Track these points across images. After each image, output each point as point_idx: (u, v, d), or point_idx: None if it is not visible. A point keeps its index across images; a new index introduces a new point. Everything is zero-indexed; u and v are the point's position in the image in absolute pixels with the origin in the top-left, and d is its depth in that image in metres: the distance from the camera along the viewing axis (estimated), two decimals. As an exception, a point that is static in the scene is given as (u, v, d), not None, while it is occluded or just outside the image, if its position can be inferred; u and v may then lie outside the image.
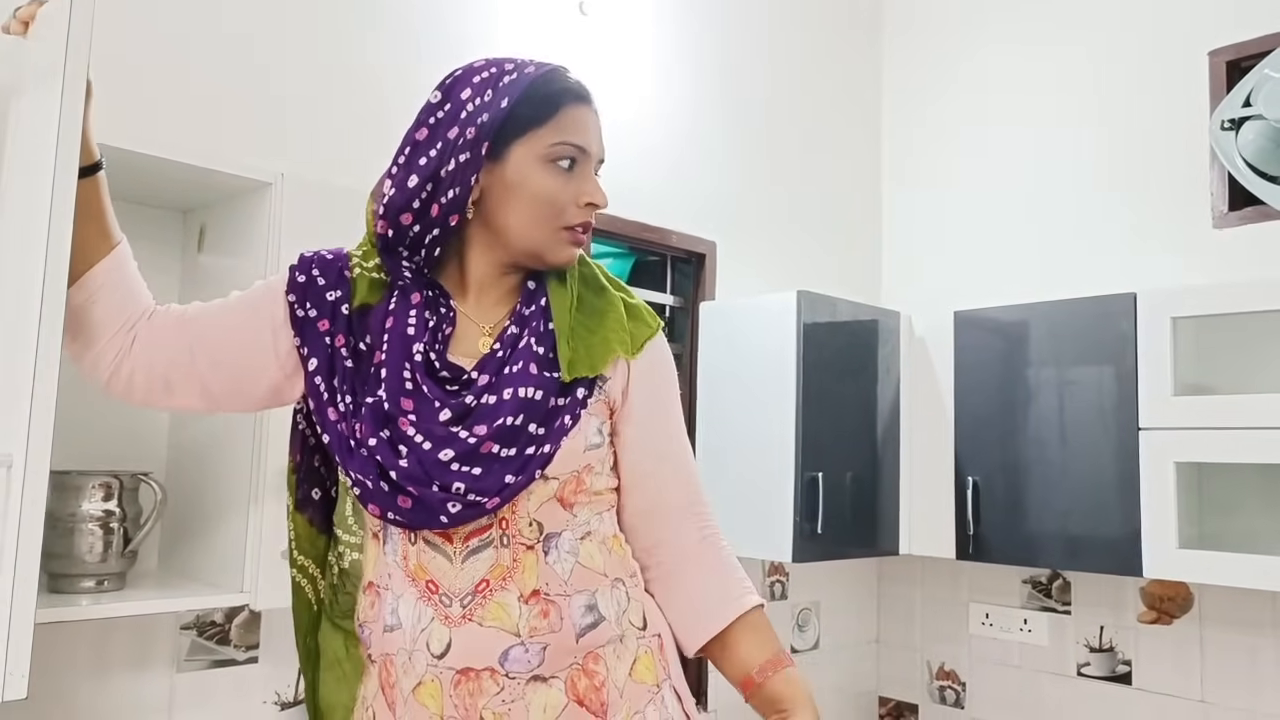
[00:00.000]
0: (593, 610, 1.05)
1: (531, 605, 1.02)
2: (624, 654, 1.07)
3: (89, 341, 1.05)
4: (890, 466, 2.42)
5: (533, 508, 1.03)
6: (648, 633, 1.10)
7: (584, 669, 1.04)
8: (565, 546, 1.05)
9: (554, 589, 1.03)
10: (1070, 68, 2.67)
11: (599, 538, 1.08)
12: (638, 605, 1.10)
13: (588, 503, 1.07)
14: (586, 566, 1.06)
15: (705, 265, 2.50)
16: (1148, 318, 2.09)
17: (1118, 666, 2.44)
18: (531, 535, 1.03)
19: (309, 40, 1.81)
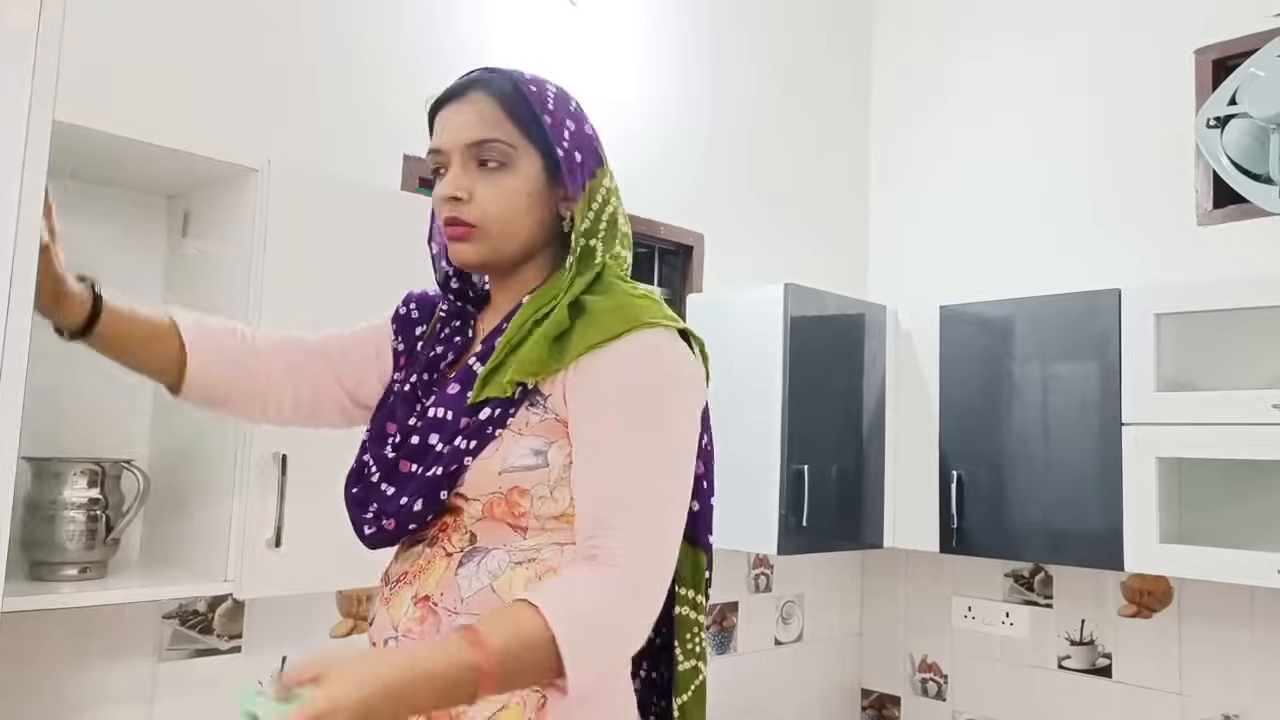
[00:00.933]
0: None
1: (417, 608, 0.97)
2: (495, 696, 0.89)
3: (240, 409, 1.12)
4: (875, 460, 2.43)
5: (469, 522, 0.98)
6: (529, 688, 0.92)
7: None
8: (490, 565, 0.95)
9: (445, 602, 0.95)
10: (1057, 65, 2.68)
11: (542, 568, 0.95)
12: None
13: (541, 529, 0.96)
14: (497, 593, 0.94)
15: (693, 257, 2.50)
16: (1131, 314, 2.10)
17: (1098, 660, 2.46)
18: (458, 544, 0.98)
19: (299, 27, 1.79)
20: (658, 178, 2.43)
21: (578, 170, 1.00)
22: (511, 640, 0.85)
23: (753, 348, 2.23)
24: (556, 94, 1.04)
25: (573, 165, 1.00)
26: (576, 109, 1.05)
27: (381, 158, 1.88)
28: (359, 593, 1.79)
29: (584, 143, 1.02)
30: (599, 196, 1.02)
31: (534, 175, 1.00)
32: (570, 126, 1.02)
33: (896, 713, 2.81)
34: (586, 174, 1.01)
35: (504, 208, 0.99)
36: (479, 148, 0.99)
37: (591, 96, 2.25)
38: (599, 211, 1.02)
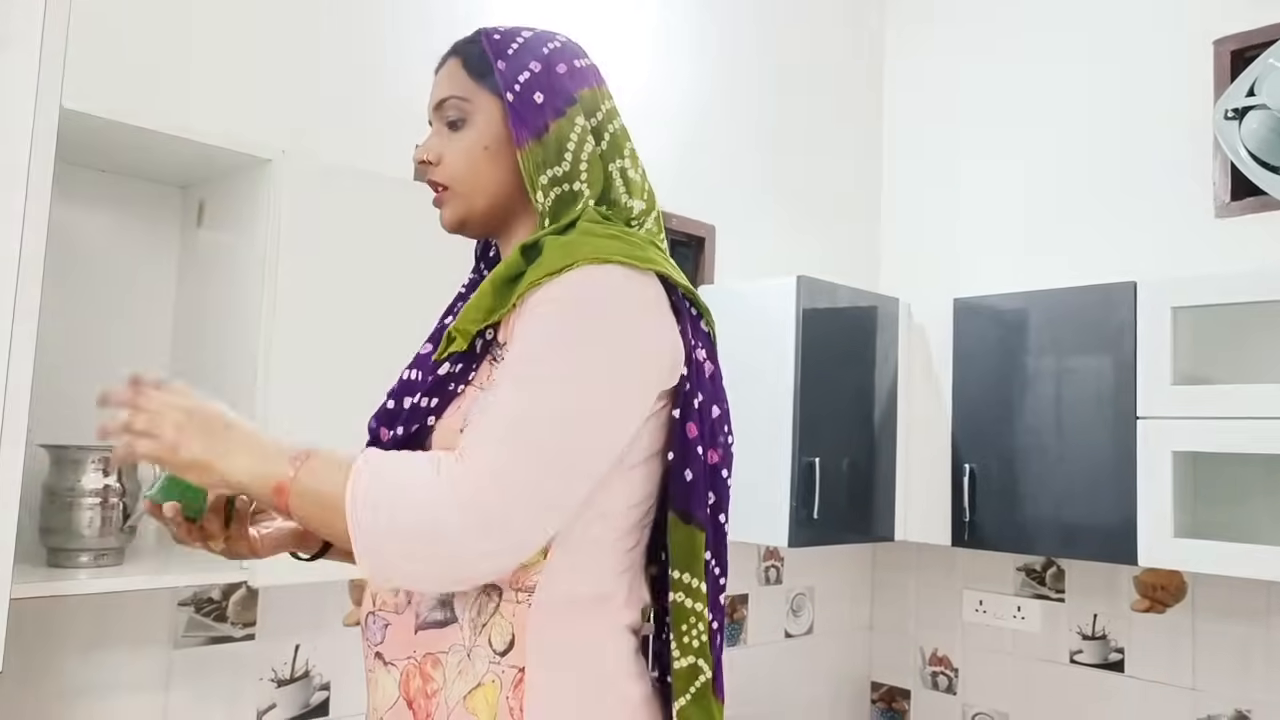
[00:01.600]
0: (444, 607, 0.92)
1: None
2: (467, 672, 0.90)
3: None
4: (887, 453, 2.42)
5: None
6: (505, 661, 0.89)
7: (421, 669, 0.92)
8: None
9: None
10: (1074, 55, 2.66)
11: None
12: (505, 625, 0.89)
13: None
14: None
15: (704, 249, 2.50)
16: (1148, 307, 2.09)
17: (1110, 654, 2.45)
18: None
19: (314, 17, 1.79)
20: (670, 169, 2.43)
21: (532, 112, 0.94)
22: (323, 481, 0.84)
23: (764, 340, 2.23)
24: (528, 39, 0.99)
25: (525, 107, 0.94)
26: (553, 50, 0.99)
27: (394, 148, 1.88)
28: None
29: (549, 82, 0.96)
30: (572, 136, 0.95)
31: (493, 127, 0.96)
32: (533, 68, 0.96)
33: (906, 706, 2.81)
34: (551, 114, 0.94)
35: (464, 163, 0.97)
36: (441, 109, 0.99)
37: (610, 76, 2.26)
38: (575, 153, 0.95)
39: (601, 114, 0.99)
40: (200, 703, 1.61)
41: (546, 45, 0.99)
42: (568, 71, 0.98)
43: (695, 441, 0.93)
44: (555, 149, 0.95)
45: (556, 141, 0.95)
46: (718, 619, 0.98)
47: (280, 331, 1.41)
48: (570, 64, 0.99)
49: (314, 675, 1.74)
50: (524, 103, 0.95)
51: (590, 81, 1.00)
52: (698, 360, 0.95)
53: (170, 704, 1.58)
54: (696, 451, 0.93)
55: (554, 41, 1.00)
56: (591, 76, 1.01)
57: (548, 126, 0.95)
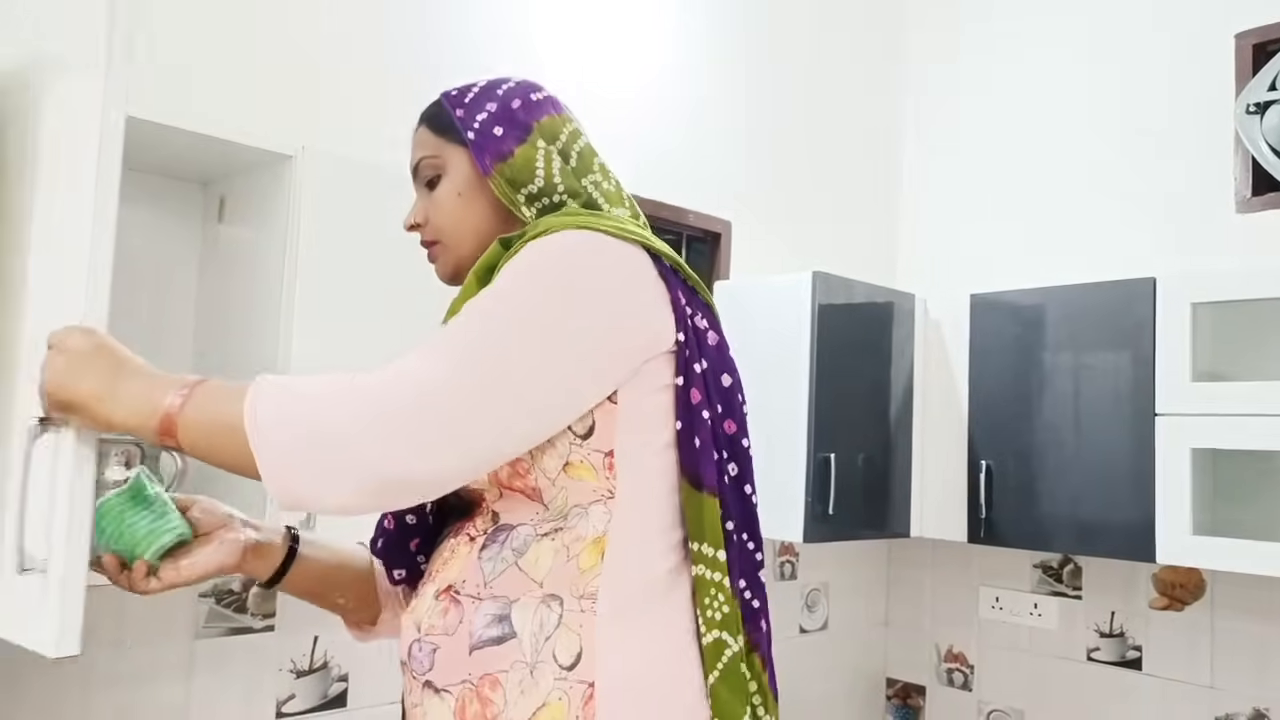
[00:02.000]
0: (501, 622, 0.88)
1: (439, 601, 0.93)
2: (531, 691, 0.86)
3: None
4: (903, 449, 2.42)
5: (490, 501, 0.95)
6: (573, 675, 0.85)
7: (478, 692, 0.88)
8: (514, 544, 0.91)
9: (468, 588, 0.91)
10: (1092, 50, 2.64)
11: (570, 537, 0.89)
12: (571, 637, 0.86)
13: (554, 487, 0.90)
14: (524, 571, 0.89)
15: (720, 245, 2.50)
16: (1167, 303, 2.07)
17: (1128, 652, 2.44)
18: (482, 527, 0.94)
19: (331, 16, 1.81)
20: (685, 165, 2.43)
21: (493, 143, 0.97)
22: (218, 403, 0.81)
23: (780, 336, 2.23)
24: (483, 86, 1.02)
25: (486, 140, 0.97)
26: (506, 89, 1.02)
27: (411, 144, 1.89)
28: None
29: (507, 116, 0.99)
30: (537, 157, 0.97)
31: (462, 172, 1.00)
32: (489, 108, 0.99)
33: (922, 702, 2.80)
34: (513, 141, 0.97)
35: (446, 215, 1.01)
36: (417, 173, 1.04)
37: (618, 85, 2.27)
38: (546, 171, 0.97)
39: (565, 136, 1.01)
40: (221, 693, 1.63)
41: (500, 88, 1.03)
42: (523, 105, 1.01)
43: (699, 406, 0.92)
44: (524, 169, 0.97)
45: (524, 162, 0.97)
46: (758, 595, 0.96)
47: (300, 325, 1.42)
48: (525, 98, 1.02)
49: (332, 666, 1.76)
50: (484, 137, 0.98)
51: (548, 110, 1.02)
52: (697, 327, 0.94)
53: (192, 694, 1.61)
54: (702, 416, 0.92)
55: (508, 83, 1.04)
56: (549, 106, 1.03)
57: (512, 151, 0.97)
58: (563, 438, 0.89)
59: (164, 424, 0.81)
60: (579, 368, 0.87)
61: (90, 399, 0.82)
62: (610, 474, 0.90)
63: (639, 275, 0.91)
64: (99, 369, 0.83)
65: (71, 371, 0.82)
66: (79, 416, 0.84)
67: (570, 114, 1.04)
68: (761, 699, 0.94)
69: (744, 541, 0.95)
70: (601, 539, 0.89)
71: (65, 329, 0.86)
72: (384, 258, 1.50)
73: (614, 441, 0.89)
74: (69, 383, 0.82)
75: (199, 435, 0.81)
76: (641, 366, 0.90)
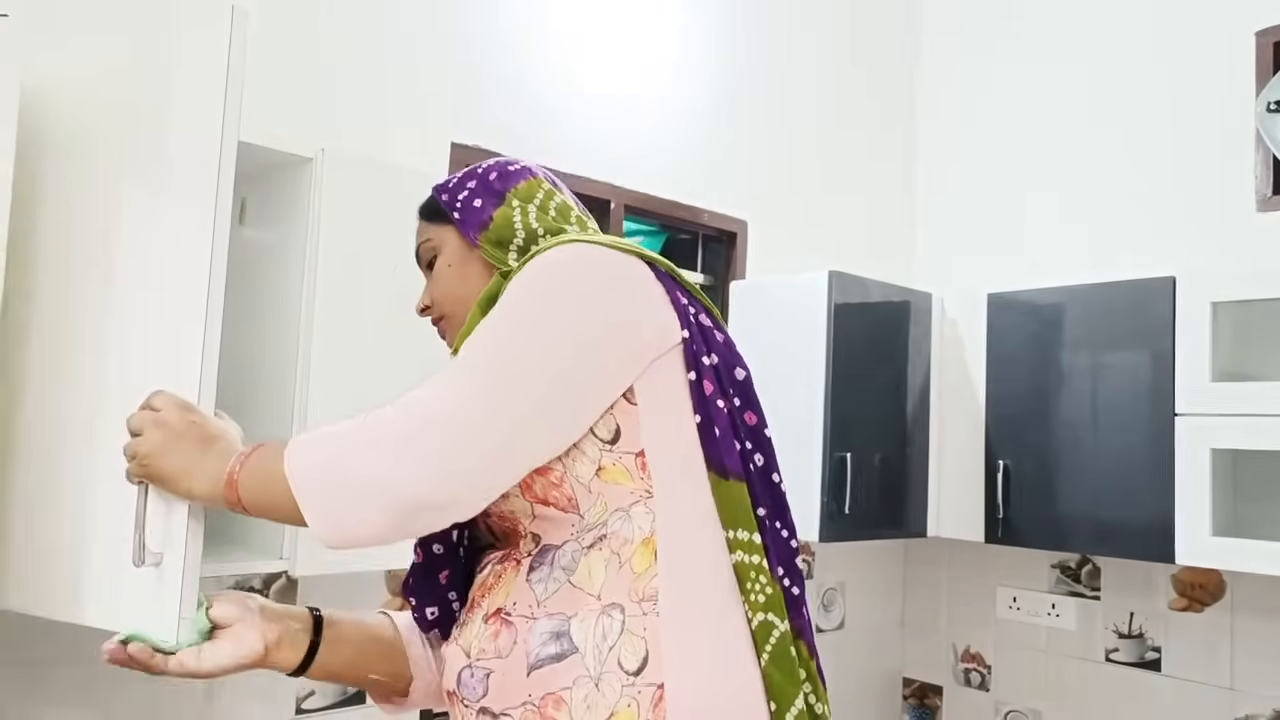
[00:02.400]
0: (559, 639, 0.88)
1: (489, 624, 0.93)
2: (597, 704, 0.85)
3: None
4: (919, 448, 2.42)
5: (526, 524, 0.95)
6: (640, 680, 0.85)
7: (540, 712, 0.87)
8: (563, 562, 0.91)
9: (519, 609, 0.92)
10: (1113, 47, 2.62)
11: (617, 543, 0.90)
12: (635, 641, 0.87)
13: (590, 494, 0.91)
14: (578, 587, 0.90)
15: (736, 244, 2.50)
16: (1187, 302, 2.06)
17: (1147, 653, 2.42)
18: (525, 550, 0.95)
19: (351, 20, 1.82)
20: (701, 164, 2.43)
21: (474, 214, 1.04)
22: (266, 460, 0.88)
23: (796, 335, 2.23)
24: (466, 171, 1.10)
25: (468, 213, 1.04)
26: (485, 168, 1.08)
27: (430, 145, 1.90)
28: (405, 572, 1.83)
29: (485, 188, 1.05)
30: (515, 216, 1.03)
31: (452, 246, 1.06)
32: (470, 185, 1.06)
33: (938, 702, 2.80)
34: (491, 208, 1.03)
35: (446, 290, 1.06)
36: (418, 259, 1.11)
37: (633, 83, 2.28)
38: (525, 224, 1.02)
39: (540, 195, 1.06)
40: (241, 690, 1.65)
41: (480, 167, 1.09)
42: (499, 176, 1.07)
43: (714, 397, 0.94)
44: (505, 228, 1.02)
45: (503, 222, 1.02)
46: (797, 583, 0.97)
47: (320, 325, 1.43)
48: (502, 170, 1.08)
49: (352, 664, 1.77)
50: (467, 210, 1.05)
51: (524, 177, 1.07)
52: (701, 324, 0.97)
53: (213, 691, 1.62)
54: (718, 406, 0.94)
55: (486, 163, 1.10)
56: (525, 174, 1.08)
57: (491, 217, 1.03)
58: (591, 444, 0.91)
59: (229, 491, 0.89)
60: (587, 372, 0.89)
61: (179, 474, 0.91)
62: (644, 473, 0.91)
63: (636, 279, 0.94)
64: (188, 447, 0.91)
65: (165, 450, 0.91)
66: (163, 487, 0.93)
67: (546, 179, 1.09)
68: (812, 686, 0.95)
69: (778, 529, 0.97)
70: (651, 539, 0.90)
71: (166, 399, 0.94)
72: (403, 259, 1.51)
73: (641, 441, 0.91)
74: (160, 461, 0.91)
75: (255, 495, 0.89)
76: (651, 365, 0.92)
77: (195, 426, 0.93)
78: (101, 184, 1.11)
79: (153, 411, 0.93)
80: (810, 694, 0.94)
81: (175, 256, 1.04)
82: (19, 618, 1.10)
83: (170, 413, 0.93)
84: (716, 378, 0.95)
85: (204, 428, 0.93)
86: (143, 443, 0.92)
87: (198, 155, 1.03)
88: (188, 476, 0.91)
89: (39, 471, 1.09)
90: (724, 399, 0.95)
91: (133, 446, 0.93)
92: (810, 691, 0.94)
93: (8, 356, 1.08)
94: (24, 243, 1.09)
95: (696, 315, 0.96)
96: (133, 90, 1.10)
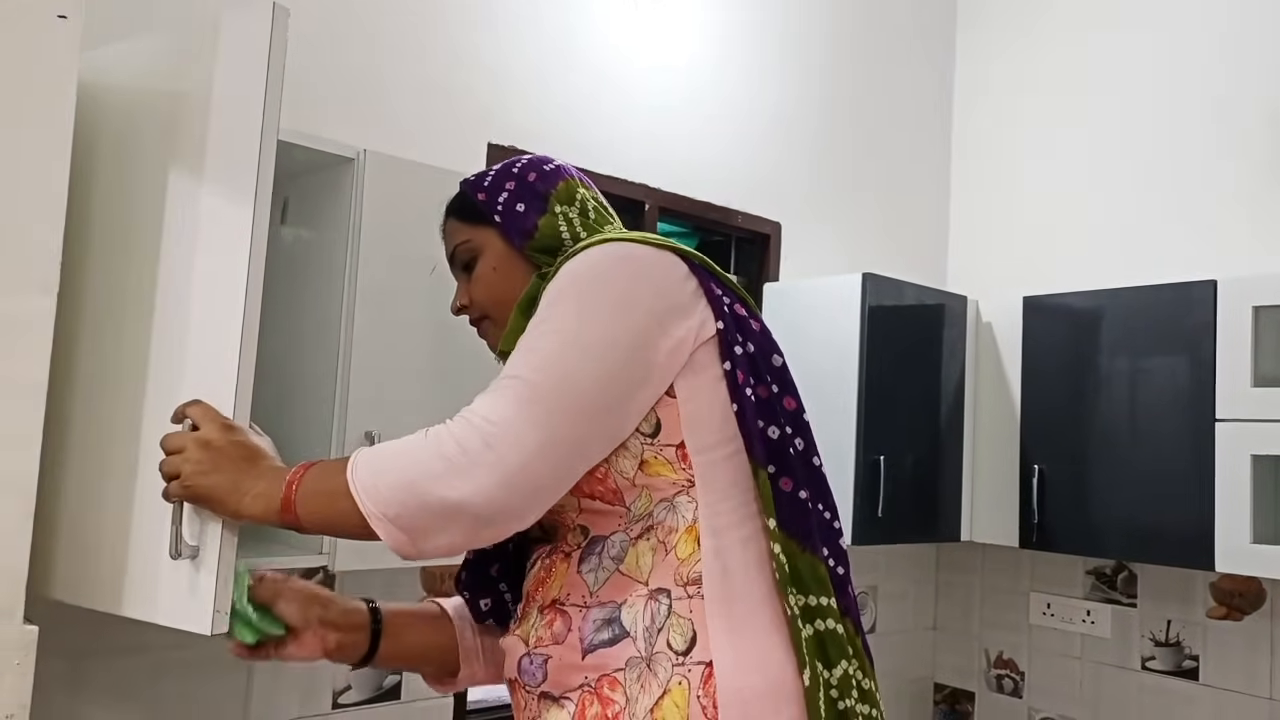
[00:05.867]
0: (611, 624, 0.93)
1: (544, 615, 0.98)
2: (650, 683, 0.90)
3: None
4: (953, 452, 2.40)
5: (574, 517, 0.99)
6: (690, 659, 0.90)
7: (597, 693, 0.92)
8: (612, 551, 0.96)
9: (573, 599, 0.96)
10: (1150, 45, 2.59)
11: (663, 532, 0.94)
12: (683, 624, 0.91)
13: (634, 487, 0.94)
14: (627, 574, 0.94)
15: (769, 246, 2.50)
16: (1228, 306, 2.03)
17: (1184, 662, 2.39)
18: (574, 542, 0.99)
19: (390, 24, 1.84)
20: (734, 166, 2.44)
21: (518, 219, 1.06)
22: (324, 478, 0.90)
23: (830, 338, 2.22)
24: (499, 169, 1.10)
25: (512, 218, 1.06)
26: (521, 167, 1.09)
27: (468, 146, 1.92)
28: (442, 569, 1.85)
29: (524, 191, 1.07)
30: (560, 224, 1.05)
31: (495, 249, 1.07)
32: (508, 187, 1.07)
33: (970, 709, 2.78)
34: (535, 214, 1.06)
35: (487, 291, 1.08)
36: (453, 260, 1.12)
37: (665, 88, 2.28)
38: (571, 230, 1.05)
39: (580, 197, 1.08)
40: (279, 683, 1.68)
41: (515, 166, 1.10)
42: (538, 177, 1.08)
43: (746, 385, 0.96)
44: (551, 237, 1.05)
45: (550, 231, 1.05)
46: (841, 563, 0.98)
47: (360, 322, 1.45)
48: (539, 170, 1.09)
49: (386, 659, 1.79)
50: (510, 215, 1.06)
51: (561, 177, 1.09)
52: (736, 314, 0.99)
53: (253, 684, 1.65)
54: (752, 395, 0.96)
55: (520, 161, 1.11)
56: (562, 173, 1.10)
57: (537, 225, 1.05)
58: (633, 439, 0.94)
59: (285, 511, 0.91)
60: (636, 377, 0.92)
61: (226, 495, 0.92)
62: (685, 465, 0.94)
63: (671, 272, 0.97)
64: (233, 466, 0.93)
65: (210, 470, 0.92)
66: (208, 507, 0.94)
67: (580, 178, 1.12)
68: (859, 663, 0.96)
69: (820, 511, 0.99)
70: (694, 527, 0.94)
71: (204, 414, 0.95)
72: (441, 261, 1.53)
73: (681, 434, 0.94)
74: (205, 481, 0.92)
75: (316, 514, 0.91)
76: (690, 358, 0.95)
77: (238, 445, 0.94)
78: (148, 180, 1.12)
79: (192, 429, 0.94)
80: (856, 669, 0.95)
81: (215, 256, 1.05)
82: (66, 609, 1.12)
83: (211, 430, 0.94)
84: (752, 366, 0.97)
85: (246, 446, 0.95)
86: (184, 462, 0.93)
87: (238, 152, 1.04)
88: (236, 497, 0.92)
89: (86, 467, 1.11)
90: (763, 388, 0.97)
91: (174, 465, 0.93)
92: (856, 667, 0.96)
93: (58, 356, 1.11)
94: (76, 240, 1.11)
95: (731, 305, 0.98)
96: (177, 86, 1.12)
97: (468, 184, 1.11)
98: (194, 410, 0.96)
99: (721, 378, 0.96)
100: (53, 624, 1.00)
